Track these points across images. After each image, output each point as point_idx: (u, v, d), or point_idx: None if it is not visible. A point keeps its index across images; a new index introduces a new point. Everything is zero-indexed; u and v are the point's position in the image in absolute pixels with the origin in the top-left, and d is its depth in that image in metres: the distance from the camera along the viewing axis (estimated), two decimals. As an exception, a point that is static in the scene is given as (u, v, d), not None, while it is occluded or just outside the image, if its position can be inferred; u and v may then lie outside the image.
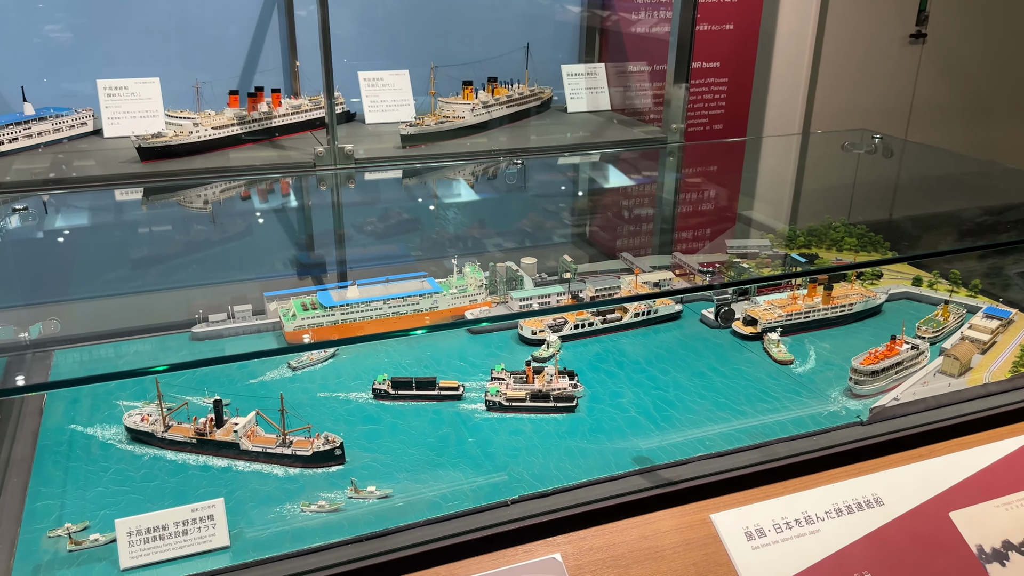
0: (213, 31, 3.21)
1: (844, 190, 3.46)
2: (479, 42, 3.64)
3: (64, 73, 3.09)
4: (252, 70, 3.31)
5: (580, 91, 3.63)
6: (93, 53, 3.08)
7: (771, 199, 3.44)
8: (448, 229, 3.07)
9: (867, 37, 4.88)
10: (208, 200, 2.75)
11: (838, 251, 3.25)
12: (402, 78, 3.37)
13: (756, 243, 3.20)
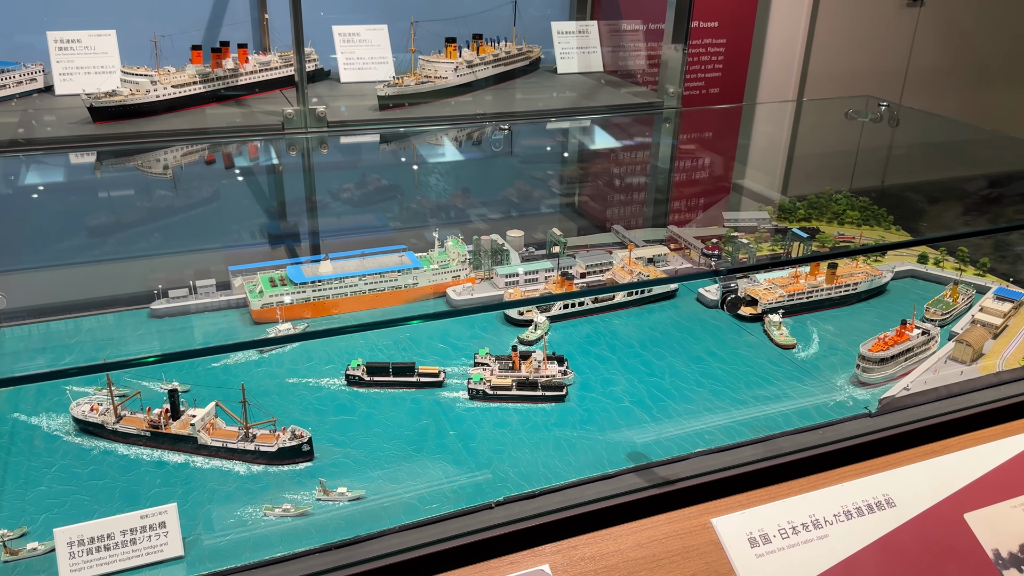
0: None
1: (846, 160, 3.30)
2: (463, -4, 3.40)
3: (11, 23, 2.83)
4: (218, 23, 3.06)
5: (571, 51, 3.42)
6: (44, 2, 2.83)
7: (770, 169, 3.27)
8: (429, 198, 2.87)
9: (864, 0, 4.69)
10: (167, 165, 2.54)
11: (840, 224, 3.10)
12: (380, 33, 3.14)
13: (755, 215, 3.04)
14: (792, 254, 2.73)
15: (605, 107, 3.07)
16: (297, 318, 2.33)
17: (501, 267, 2.56)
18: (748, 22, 3.87)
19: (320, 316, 2.38)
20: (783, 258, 2.79)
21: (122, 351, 2.17)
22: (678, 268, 2.67)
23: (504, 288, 2.50)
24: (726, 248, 2.68)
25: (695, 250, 2.74)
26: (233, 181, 2.67)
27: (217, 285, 2.35)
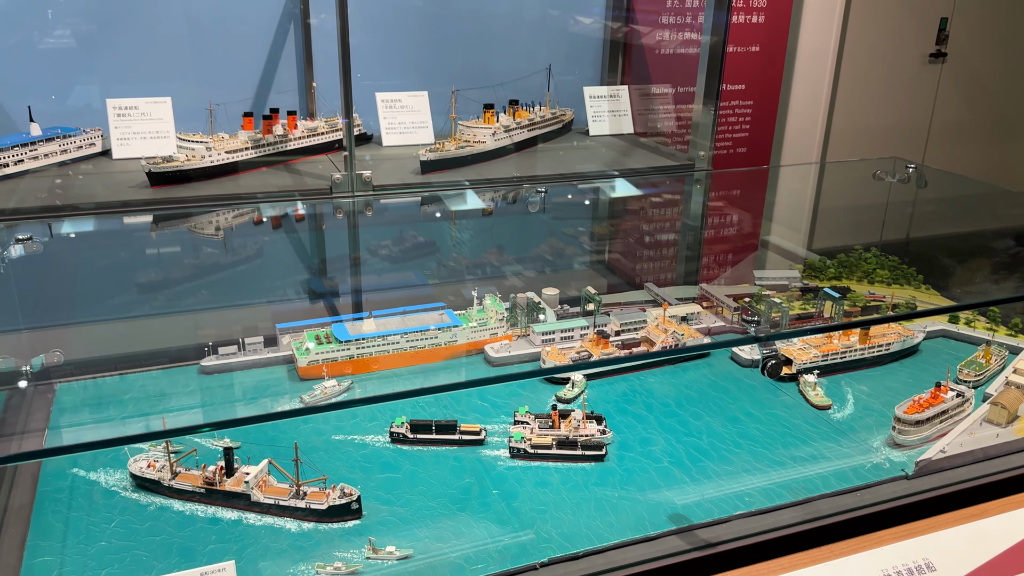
0: (227, 49, 3.12)
1: (874, 219, 3.35)
2: (500, 63, 3.54)
3: (72, 90, 3.00)
4: (267, 91, 3.21)
5: (602, 113, 3.53)
6: (103, 69, 2.99)
7: (799, 228, 3.33)
8: (468, 258, 2.96)
9: (887, 56, 4.80)
10: (220, 226, 2.65)
11: (870, 283, 3.14)
12: (421, 100, 3.27)
13: (785, 274, 3.09)
14: (825, 313, 2.77)
15: (636, 169, 3.16)
16: (341, 374, 2.40)
17: (538, 325, 2.62)
18: (775, 83, 3.98)
19: (363, 372, 2.45)
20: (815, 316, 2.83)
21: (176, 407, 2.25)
22: (711, 326, 2.72)
23: (541, 345, 2.56)
24: (759, 307, 2.73)
25: (727, 308, 2.79)
26: (282, 241, 2.78)
27: (265, 341, 2.43)
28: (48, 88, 2.96)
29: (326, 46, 3.19)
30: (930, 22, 4.91)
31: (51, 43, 2.91)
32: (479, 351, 2.55)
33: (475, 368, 2.54)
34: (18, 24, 2.85)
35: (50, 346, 2.28)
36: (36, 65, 2.91)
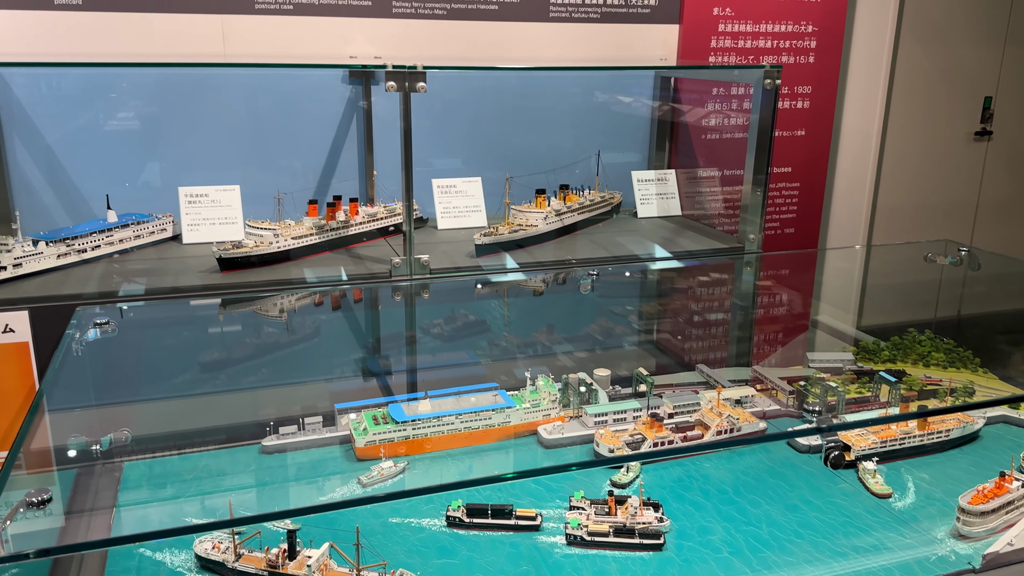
0: (294, 137, 3.29)
1: (927, 302, 3.33)
2: (550, 148, 3.66)
3: (146, 177, 3.17)
4: (330, 177, 3.36)
5: (650, 196, 3.61)
6: (175, 157, 3.16)
7: (851, 310, 3.33)
8: (520, 338, 3.01)
9: (931, 135, 4.84)
10: (283, 308, 2.75)
11: (925, 366, 3.11)
12: (474, 185, 3.39)
13: (839, 356, 3.07)
14: (881, 398, 2.74)
15: (687, 253, 3.21)
16: (397, 455, 2.43)
17: (590, 407, 2.64)
18: (821, 165, 4.04)
19: (418, 453, 2.48)
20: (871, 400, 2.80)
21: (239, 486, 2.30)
22: (766, 410, 2.71)
23: (594, 427, 2.57)
24: (813, 390, 2.72)
25: (782, 391, 2.78)
26: (343, 322, 2.86)
27: (323, 420, 2.49)
28: (123, 175, 3.13)
29: (387, 135, 3.35)
30: (974, 101, 4.95)
31: (127, 133, 3.09)
32: (532, 432, 2.57)
33: (529, 449, 2.55)
34: (97, 114, 3.05)
35: (120, 423, 2.37)
36: (113, 153, 3.09)
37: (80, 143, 3.04)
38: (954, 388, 2.87)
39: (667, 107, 3.74)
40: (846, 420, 2.59)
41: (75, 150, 3.04)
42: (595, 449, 2.55)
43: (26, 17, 2.88)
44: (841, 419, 2.63)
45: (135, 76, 3.06)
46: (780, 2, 3.74)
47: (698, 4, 3.62)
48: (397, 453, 2.49)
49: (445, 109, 3.41)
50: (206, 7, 3.04)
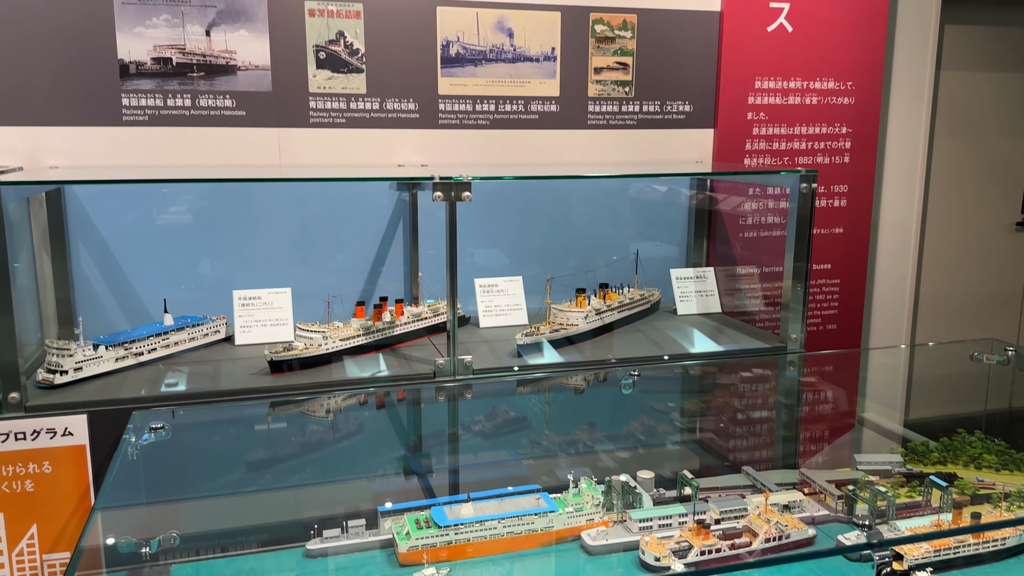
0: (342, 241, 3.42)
1: (975, 402, 3.28)
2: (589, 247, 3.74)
3: (201, 280, 3.30)
4: (376, 278, 3.47)
5: (689, 294, 3.64)
6: (229, 261, 3.30)
7: (898, 409, 3.28)
8: (563, 438, 3.02)
9: (971, 227, 4.85)
10: (329, 409, 2.81)
11: (977, 468, 3.03)
12: (515, 284, 3.46)
13: (887, 459, 3.02)
14: (932, 503, 2.68)
15: (729, 352, 3.23)
16: (439, 560, 2.43)
17: (635, 511, 2.62)
18: (860, 262, 4.06)
19: (460, 559, 2.47)
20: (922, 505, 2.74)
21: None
22: (815, 515, 2.66)
23: (639, 533, 2.54)
24: (863, 495, 2.67)
25: (830, 495, 2.73)
26: (388, 423, 2.91)
27: (367, 522, 2.50)
28: (180, 278, 3.27)
29: (431, 234, 3.46)
30: (1013, 191, 4.96)
31: (184, 237, 3.25)
32: (575, 537, 2.55)
33: (572, 556, 2.53)
34: (157, 220, 3.21)
35: (171, 524, 2.41)
36: (171, 257, 3.24)
37: (140, 248, 3.20)
38: (1008, 492, 2.79)
39: (704, 205, 3.82)
40: (900, 532, 2.54)
41: (135, 255, 3.20)
42: (640, 558, 2.51)
43: (96, 133, 3.09)
44: (894, 528, 2.57)
45: (194, 185, 3.23)
46: (813, 106, 3.85)
47: (732, 110, 3.74)
48: (439, 558, 2.48)
49: (487, 211, 3.53)
50: (264, 121, 3.23)
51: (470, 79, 3.46)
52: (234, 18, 3.14)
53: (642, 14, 3.60)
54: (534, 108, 3.56)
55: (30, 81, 2.99)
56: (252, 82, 3.20)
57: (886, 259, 4.29)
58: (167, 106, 3.13)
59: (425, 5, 3.34)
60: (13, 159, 3.03)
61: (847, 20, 3.80)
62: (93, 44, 3.03)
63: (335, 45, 3.27)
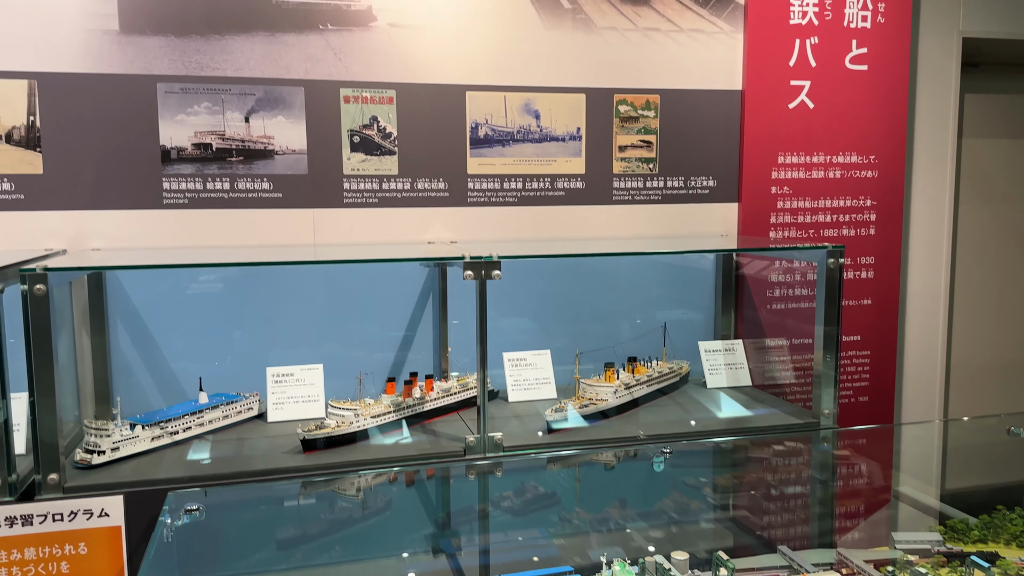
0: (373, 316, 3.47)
1: (1013, 478, 3.21)
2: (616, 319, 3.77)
3: (235, 357, 3.35)
4: (406, 352, 3.51)
5: (719, 367, 3.64)
6: (262, 338, 3.36)
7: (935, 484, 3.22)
8: (594, 516, 2.99)
9: (1000, 291, 4.81)
10: (360, 488, 2.81)
11: (1019, 547, 2.95)
12: (544, 358, 3.48)
13: (925, 537, 2.95)
14: (976, 585, 2.61)
15: (761, 428, 3.21)
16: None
17: (669, 594, 2.58)
18: (890, 332, 4.03)
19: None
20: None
21: None
22: (853, 599, 2.60)
23: (674, 617, 2.49)
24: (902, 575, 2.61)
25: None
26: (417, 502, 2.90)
27: (399, 608, 2.48)
28: (214, 354, 3.33)
29: (460, 308, 3.51)
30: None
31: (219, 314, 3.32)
32: (609, 620, 2.51)
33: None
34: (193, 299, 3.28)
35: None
36: (205, 334, 3.31)
37: (176, 325, 3.27)
38: (1056, 574, 2.71)
39: (731, 277, 3.84)
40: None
41: (171, 332, 3.27)
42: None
43: (137, 215, 3.20)
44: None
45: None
46: (837, 179, 3.89)
47: (756, 185, 3.79)
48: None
49: (515, 286, 3.57)
50: (300, 203, 3.33)
51: (498, 159, 3.56)
52: (272, 105, 3.27)
53: (664, 94, 3.70)
54: (560, 185, 3.64)
55: (76, 168, 3.12)
56: (289, 165, 3.31)
57: (916, 329, 4.26)
58: (206, 189, 3.24)
59: (455, 90, 3.46)
60: (58, 242, 3.14)
61: (868, 95, 3.87)
62: (137, 131, 3.17)
63: (369, 129, 3.38)
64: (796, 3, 3.73)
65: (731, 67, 3.75)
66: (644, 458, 3.15)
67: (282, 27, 3.26)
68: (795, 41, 3.75)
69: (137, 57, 3.13)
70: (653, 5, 3.66)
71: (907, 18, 3.90)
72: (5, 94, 3.04)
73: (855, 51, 3.83)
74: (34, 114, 3.07)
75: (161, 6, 3.15)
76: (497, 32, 3.50)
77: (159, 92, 3.17)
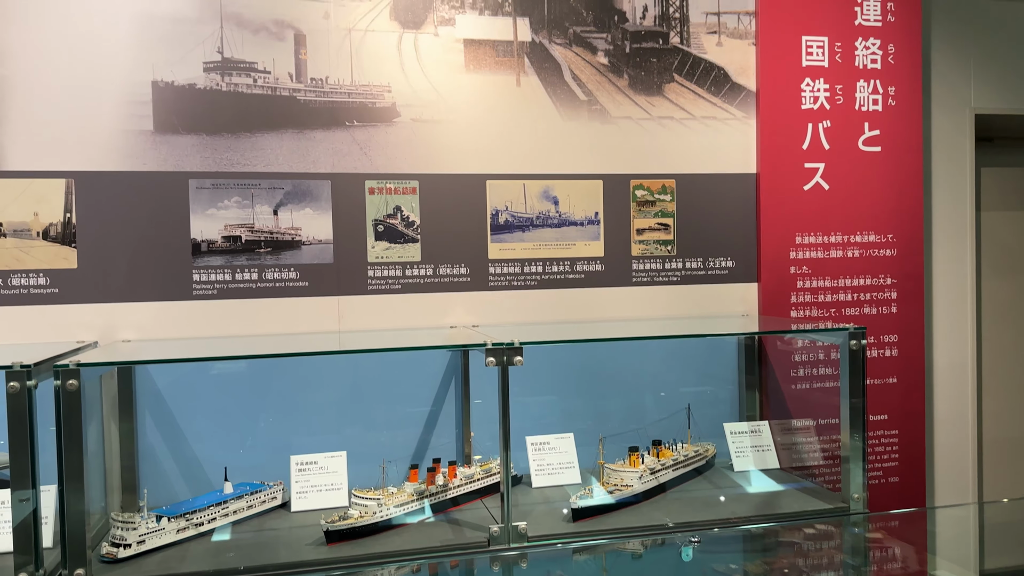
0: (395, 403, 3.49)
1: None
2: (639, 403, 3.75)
3: (259, 446, 3.37)
4: (429, 437, 3.51)
5: (745, 449, 3.60)
6: (285, 426, 3.38)
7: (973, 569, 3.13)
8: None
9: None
10: (384, 581, 2.78)
11: (1067, 636, 2.84)
12: (567, 441, 3.47)
13: (967, 627, 2.86)
14: None
15: (789, 512, 3.15)
16: None
17: None
18: (918, 409, 3.98)
19: None
20: None
21: None
22: None
23: None
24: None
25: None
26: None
27: None
28: (239, 442, 3.35)
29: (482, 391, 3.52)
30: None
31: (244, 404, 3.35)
32: None
33: None
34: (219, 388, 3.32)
35: None
36: (230, 421, 3.34)
37: (202, 412, 3.31)
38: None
39: (753, 358, 3.83)
40: None
41: (197, 419, 3.31)
42: None
43: (167, 307, 3.27)
44: None
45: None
46: (856, 259, 3.91)
47: (774, 265, 3.82)
48: None
49: (537, 368, 3.58)
50: (326, 290, 3.40)
51: (518, 243, 3.62)
52: (300, 198, 3.38)
53: (680, 179, 3.77)
54: (580, 268, 3.69)
55: (109, 262, 3.22)
56: (315, 255, 3.39)
57: (944, 405, 4.20)
58: (235, 280, 3.33)
59: (475, 179, 3.56)
60: (90, 333, 3.21)
61: (883, 175, 3.92)
62: (169, 225, 3.27)
63: (392, 219, 3.47)
64: (807, 89, 3.83)
65: (745, 151, 3.83)
66: (673, 546, 3.09)
67: (310, 125, 3.39)
68: (808, 125, 3.83)
69: (170, 155, 3.26)
70: (666, 95, 3.77)
71: (918, 99, 3.98)
72: (44, 193, 3.17)
73: (868, 133, 3.90)
74: (70, 211, 3.19)
75: (194, 107, 3.29)
76: (515, 124, 3.61)
77: (191, 188, 3.29)
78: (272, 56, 3.37)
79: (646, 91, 3.74)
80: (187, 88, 3.28)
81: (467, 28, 3.58)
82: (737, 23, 3.85)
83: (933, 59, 4.25)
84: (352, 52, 3.45)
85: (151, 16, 3.26)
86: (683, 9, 3.79)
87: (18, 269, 3.16)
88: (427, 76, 3.53)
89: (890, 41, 3.93)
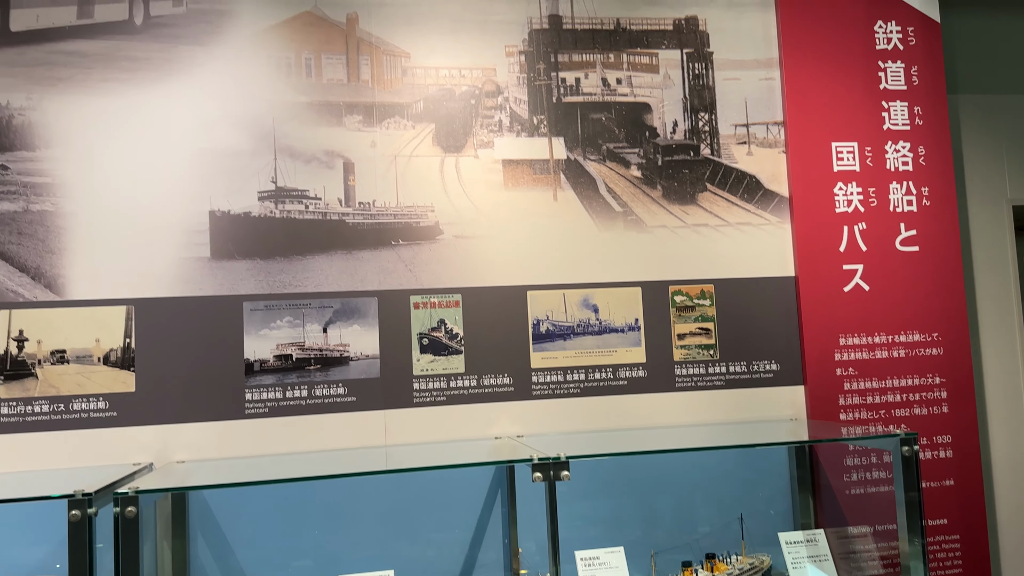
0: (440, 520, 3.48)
1: None
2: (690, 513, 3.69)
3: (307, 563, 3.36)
4: (476, 552, 3.48)
5: (802, 560, 3.50)
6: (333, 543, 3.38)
7: None
8: None
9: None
10: None
11: None
12: (617, 555, 3.41)
13: None
14: None
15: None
16: None
17: None
18: (978, 511, 3.85)
19: None
20: None
21: None
22: None
23: None
24: None
25: None
26: None
27: None
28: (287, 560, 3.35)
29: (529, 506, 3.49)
30: None
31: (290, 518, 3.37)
32: None
33: None
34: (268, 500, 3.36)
35: None
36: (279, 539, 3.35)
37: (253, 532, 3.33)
38: None
39: (805, 464, 3.76)
40: None
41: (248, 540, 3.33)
42: None
43: (220, 426, 3.35)
44: None
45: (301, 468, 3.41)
46: (902, 359, 3.87)
47: (820, 367, 3.80)
48: None
49: (584, 479, 3.56)
50: (372, 405, 3.47)
51: (560, 352, 3.66)
52: (348, 316, 3.49)
53: (719, 284, 3.82)
54: (622, 375, 3.71)
55: (166, 384, 3.33)
56: (363, 370, 3.47)
57: (1007, 506, 4.06)
58: (286, 397, 3.41)
59: (517, 291, 3.65)
60: (145, 455, 3.29)
61: (923, 274, 3.92)
62: (223, 347, 3.39)
63: (437, 332, 3.56)
64: (840, 193, 3.89)
65: (782, 255, 3.87)
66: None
67: (358, 245, 3.54)
68: (843, 228, 3.88)
69: (226, 280, 3.41)
70: (700, 203, 3.86)
71: (952, 198, 4.01)
72: (106, 320, 3.32)
73: (904, 233, 3.93)
74: (130, 336, 3.33)
75: (249, 233, 3.46)
76: (554, 237, 3.72)
77: (245, 310, 3.42)
78: (323, 183, 3.55)
79: (680, 200, 3.84)
80: (242, 216, 3.47)
81: (505, 149, 3.75)
82: (766, 133, 3.96)
83: (966, 155, 4.31)
84: (397, 176, 3.63)
85: (210, 152, 3.48)
86: (712, 122, 3.92)
87: (79, 394, 3.29)
88: (468, 195, 3.68)
89: (920, 143, 4.00)
